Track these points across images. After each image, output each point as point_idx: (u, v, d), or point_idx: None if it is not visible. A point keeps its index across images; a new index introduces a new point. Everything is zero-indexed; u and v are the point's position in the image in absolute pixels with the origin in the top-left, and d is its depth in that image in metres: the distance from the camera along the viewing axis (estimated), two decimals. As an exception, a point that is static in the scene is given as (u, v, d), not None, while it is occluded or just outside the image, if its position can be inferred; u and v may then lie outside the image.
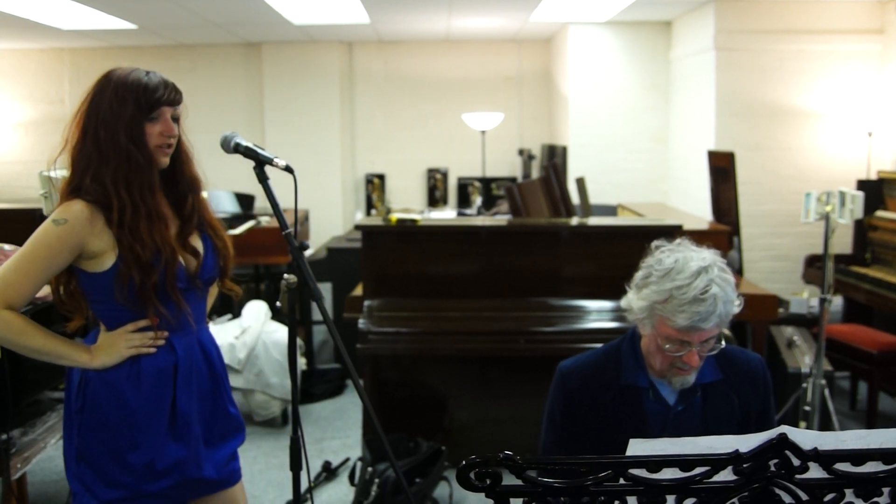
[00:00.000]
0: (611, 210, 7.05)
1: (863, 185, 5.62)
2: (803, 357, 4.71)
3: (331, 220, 9.19)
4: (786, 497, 1.21)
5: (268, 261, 6.01)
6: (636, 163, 8.20)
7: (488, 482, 1.17)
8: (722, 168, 5.61)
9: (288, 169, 2.09)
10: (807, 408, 4.17)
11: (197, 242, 2.17)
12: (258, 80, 9.40)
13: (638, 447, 1.22)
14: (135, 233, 2.01)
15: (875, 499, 1.22)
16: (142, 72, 2.07)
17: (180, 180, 2.16)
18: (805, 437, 1.19)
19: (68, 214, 1.99)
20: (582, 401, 2.06)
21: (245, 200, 7.16)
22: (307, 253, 2.14)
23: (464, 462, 1.17)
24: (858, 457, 1.18)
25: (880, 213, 5.54)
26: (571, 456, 2.00)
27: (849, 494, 1.22)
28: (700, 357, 1.94)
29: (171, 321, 2.09)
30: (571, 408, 2.08)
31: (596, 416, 2.04)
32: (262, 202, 7.54)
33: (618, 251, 4.25)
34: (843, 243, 5.81)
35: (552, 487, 1.18)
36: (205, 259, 2.17)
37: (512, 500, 1.22)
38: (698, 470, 1.18)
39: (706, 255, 1.96)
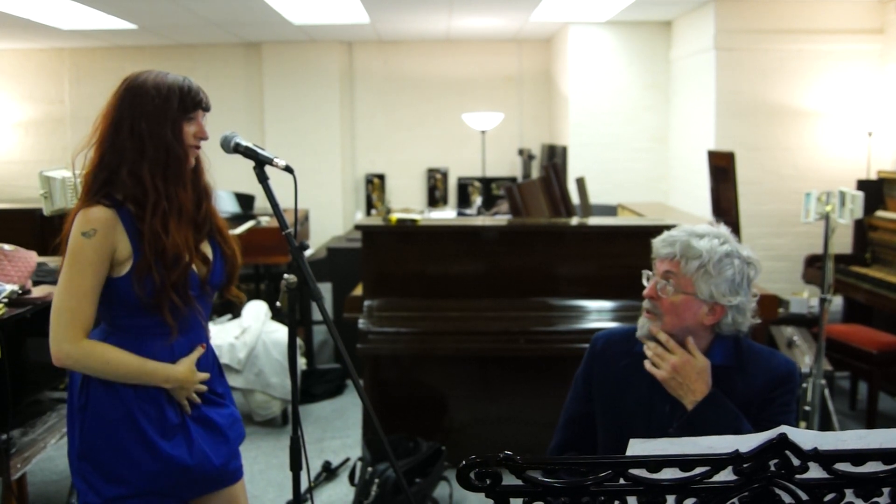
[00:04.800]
0: (611, 210, 7.06)
1: (863, 184, 5.62)
2: (803, 357, 4.71)
3: (331, 220, 9.20)
4: (786, 497, 1.21)
5: (268, 261, 6.02)
6: (636, 163, 8.21)
7: (488, 482, 1.17)
8: (722, 168, 5.61)
9: (288, 169, 2.10)
10: (807, 408, 4.17)
11: (207, 249, 2.20)
12: (258, 79, 9.40)
13: (638, 447, 1.22)
14: (165, 227, 2.04)
15: (875, 499, 1.21)
16: (177, 75, 2.12)
17: (196, 187, 2.18)
18: (805, 437, 1.18)
19: (95, 224, 2.01)
20: (600, 364, 2.17)
21: (245, 200, 7.17)
22: (307, 253, 2.14)
23: (464, 462, 1.17)
24: (858, 457, 1.18)
25: (880, 213, 5.54)
26: (571, 457, 2.03)
27: (849, 494, 1.21)
28: (657, 294, 2.03)
29: (177, 324, 2.11)
30: (591, 370, 2.19)
31: (608, 380, 2.14)
32: (262, 202, 7.54)
33: (618, 251, 4.25)
34: (843, 243, 5.81)
35: (552, 487, 1.18)
36: (214, 266, 2.20)
37: (512, 499, 1.22)
38: (698, 470, 1.18)
39: (724, 235, 2.05)
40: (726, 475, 1.19)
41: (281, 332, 5.01)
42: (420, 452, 3.91)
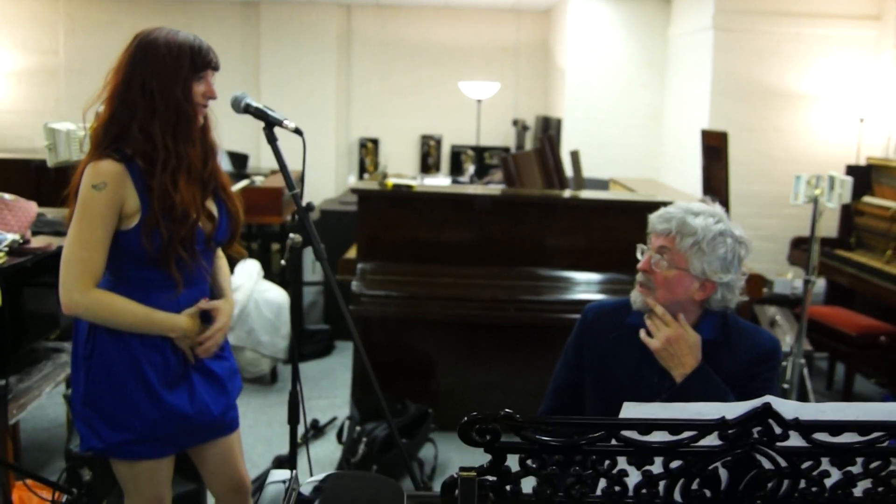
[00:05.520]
0: (603, 184, 7.11)
1: (852, 170, 5.69)
2: (784, 336, 4.81)
3: (323, 182, 9.21)
4: (766, 463, 1.27)
5: (261, 220, 6.04)
6: (630, 138, 8.25)
7: (488, 438, 1.24)
8: (714, 147, 5.67)
9: (297, 131, 2.15)
10: (785, 385, 4.27)
11: (212, 206, 2.25)
12: (255, 39, 9.35)
13: (631, 410, 1.28)
14: (175, 183, 2.09)
15: (849, 468, 1.29)
16: (188, 33, 2.14)
17: (203, 145, 2.22)
18: (788, 408, 1.25)
19: (105, 177, 2.05)
20: (591, 335, 2.22)
21: (238, 160, 7.19)
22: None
23: (466, 418, 1.24)
24: (836, 428, 1.25)
25: (867, 199, 5.62)
26: (567, 416, 2.10)
27: (825, 463, 1.28)
28: (651, 268, 2.09)
29: (182, 278, 2.16)
30: (581, 340, 2.24)
31: (598, 350, 2.19)
32: (255, 161, 7.56)
33: (608, 225, 4.32)
34: (829, 227, 5.89)
35: (548, 445, 1.25)
36: (219, 222, 2.25)
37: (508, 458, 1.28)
38: (686, 434, 1.24)
39: (719, 214, 2.10)
40: (712, 440, 1.25)
41: (273, 291, 5.06)
42: (407, 414, 3.99)
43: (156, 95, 2.07)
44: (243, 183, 5.79)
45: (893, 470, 1.29)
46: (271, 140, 2.15)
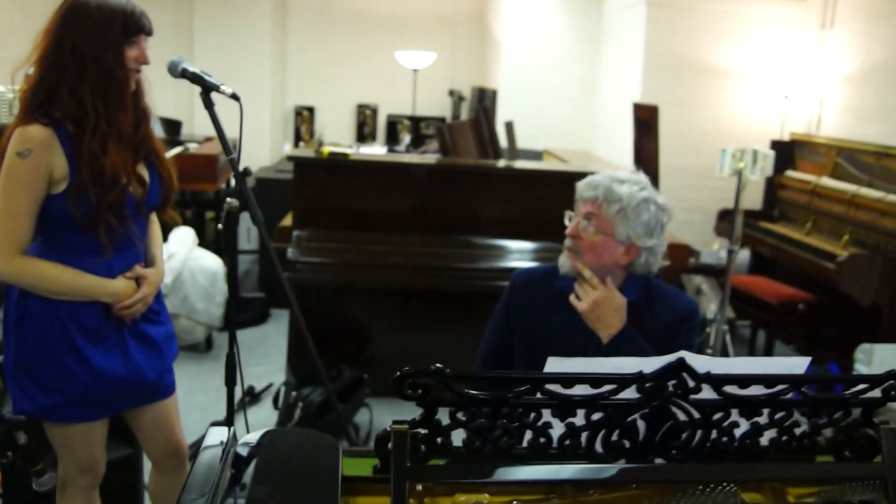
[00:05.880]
0: (537, 155, 7.21)
1: (776, 145, 5.89)
2: (709, 304, 4.98)
3: (258, 150, 9.11)
4: (680, 415, 1.36)
5: (195, 187, 5.98)
6: (564, 110, 8.35)
7: (420, 392, 1.30)
8: (645, 120, 5.79)
9: (234, 97, 2.16)
10: (709, 351, 4.43)
11: (143, 171, 2.24)
12: (189, 4, 9.15)
13: (555, 365, 1.36)
14: (104, 148, 2.07)
15: (756, 419, 1.38)
16: None
17: (135, 110, 2.21)
18: (700, 362, 1.34)
19: (30, 144, 2.02)
20: (520, 299, 2.29)
21: (171, 126, 7.08)
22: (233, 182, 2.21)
23: (399, 373, 1.29)
24: (745, 381, 1.34)
25: (790, 173, 5.83)
26: (495, 371, 2.21)
27: (734, 414, 1.38)
28: (579, 233, 2.15)
29: (111, 243, 2.15)
30: (511, 304, 2.31)
31: (527, 314, 2.26)
32: (188, 128, 7.45)
33: (541, 195, 4.40)
34: (753, 199, 6.09)
35: (477, 399, 1.31)
36: (150, 187, 2.24)
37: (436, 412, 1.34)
38: (606, 387, 1.32)
39: (643, 182, 2.18)
40: (630, 393, 1.34)
41: (207, 258, 5.03)
42: (343, 380, 4.04)
43: (87, 59, 2.06)
44: (177, 150, 5.71)
45: (796, 420, 1.39)
46: (208, 105, 2.16)
